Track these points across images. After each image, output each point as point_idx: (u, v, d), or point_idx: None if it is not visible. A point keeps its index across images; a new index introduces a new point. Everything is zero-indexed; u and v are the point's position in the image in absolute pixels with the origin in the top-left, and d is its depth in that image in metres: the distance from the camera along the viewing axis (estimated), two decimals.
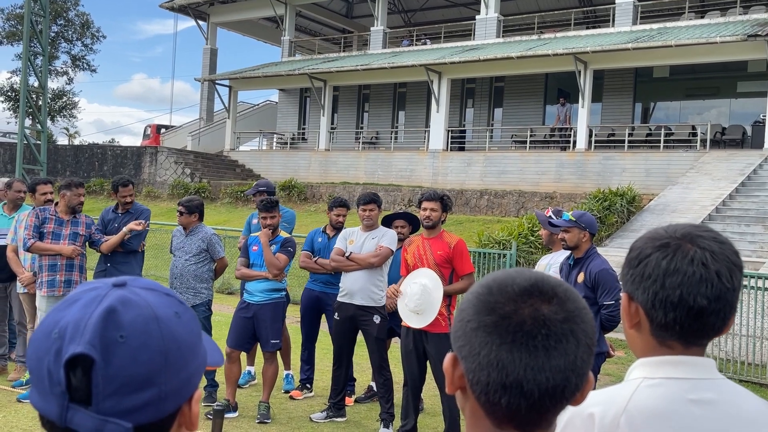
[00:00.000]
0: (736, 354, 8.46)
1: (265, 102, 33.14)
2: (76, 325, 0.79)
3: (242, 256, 6.06)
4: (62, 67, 45.29)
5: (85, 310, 0.80)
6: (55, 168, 27.01)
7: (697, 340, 1.31)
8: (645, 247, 1.32)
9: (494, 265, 11.63)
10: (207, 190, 23.00)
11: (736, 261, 1.30)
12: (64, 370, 0.76)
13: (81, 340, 0.77)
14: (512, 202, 18.63)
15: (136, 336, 0.79)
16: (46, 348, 0.79)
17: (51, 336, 0.79)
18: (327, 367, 6.66)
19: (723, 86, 21.34)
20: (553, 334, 0.89)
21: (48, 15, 21.02)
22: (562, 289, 0.94)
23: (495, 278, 0.96)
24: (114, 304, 0.80)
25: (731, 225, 14.01)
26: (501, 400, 0.90)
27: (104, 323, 0.79)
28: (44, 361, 0.79)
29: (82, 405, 0.77)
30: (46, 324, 0.81)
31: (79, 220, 6.20)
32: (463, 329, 0.94)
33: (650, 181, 17.96)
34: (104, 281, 0.85)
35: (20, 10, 39.24)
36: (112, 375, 0.77)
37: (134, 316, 0.80)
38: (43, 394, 0.79)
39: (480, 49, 22.31)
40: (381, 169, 23.19)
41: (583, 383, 0.93)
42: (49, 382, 0.78)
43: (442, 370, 0.97)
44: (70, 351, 0.77)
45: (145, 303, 0.82)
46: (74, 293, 0.84)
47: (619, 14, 21.26)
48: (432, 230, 5.30)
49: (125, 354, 0.78)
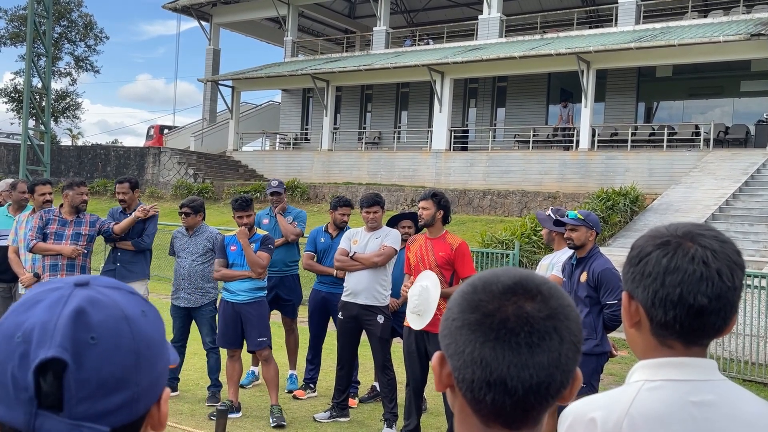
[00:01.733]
0: (740, 354, 8.45)
1: (267, 102, 33.15)
2: (43, 327, 0.75)
3: (219, 256, 5.95)
4: (65, 68, 45.38)
5: (51, 311, 0.77)
6: (58, 169, 27.06)
7: (697, 339, 1.29)
8: (646, 245, 1.32)
9: (497, 265, 11.63)
10: (210, 190, 23.03)
11: (737, 260, 1.28)
12: (34, 375, 0.73)
13: (51, 344, 0.74)
14: (515, 202, 18.62)
15: (108, 337, 0.77)
16: (8, 352, 0.76)
17: (13, 340, 0.76)
18: (331, 367, 6.67)
19: (726, 85, 21.30)
20: (536, 331, 0.90)
21: (51, 16, 21.05)
22: (546, 287, 0.94)
23: (480, 277, 0.97)
24: (82, 304, 0.77)
25: (735, 224, 13.99)
26: (486, 398, 0.90)
27: (74, 325, 0.76)
28: (7, 367, 0.75)
29: (52, 411, 0.74)
30: (5, 327, 0.77)
31: (82, 220, 6.18)
32: (448, 328, 0.95)
33: (653, 180, 17.94)
34: (64, 280, 0.82)
35: (24, 11, 39.32)
36: (85, 378, 0.75)
37: (104, 317, 0.78)
38: (7, 401, 0.75)
39: (483, 49, 22.31)
40: (384, 170, 23.20)
41: (569, 380, 0.93)
42: (14, 388, 0.75)
43: None
44: (41, 355, 0.74)
45: (113, 302, 0.80)
46: (33, 294, 0.81)
47: (621, 14, 21.24)
48: (433, 230, 5.31)
49: (97, 356, 0.76)
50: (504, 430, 0.93)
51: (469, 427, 0.95)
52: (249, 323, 5.80)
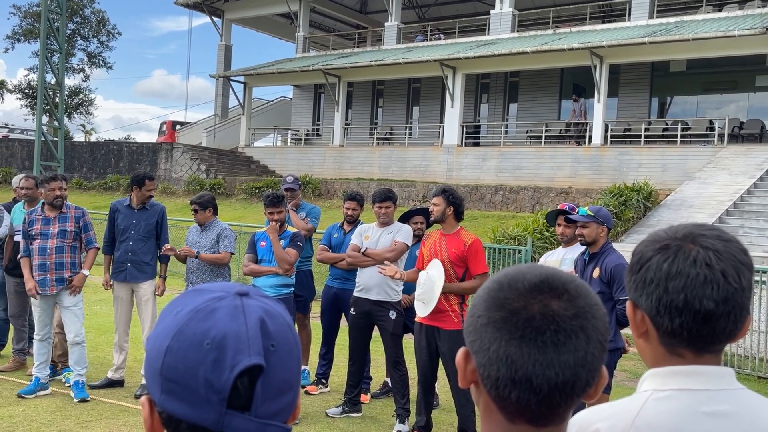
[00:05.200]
0: (755, 350, 8.39)
1: (279, 98, 33.21)
2: (236, 336, 0.83)
3: (249, 251, 6.00)
4: (79, 64, 45.67)
5: (236, 321, 0.84)
6: (72, 164, 27.24)
7: (708, 346, 1.21)
8: (645, 250, 1.25)
9: (509, 260, 11.60)
10: (222, 186, 23.10)
11: (743, 259, 1.21)
12: (235, 379, 0.81)
13: (251, 352, 0.82)
14: (527, 197, 18.56)
15: (282, 344, 0.86)
16: (199, 358, 0.82)
17: (203, 346, 0.83)
18: (343, 362, 6.68)
19: (741, 80, 21.11)
20: (563, 330, 0.89)
21: (65, 13, 21.16)
22: (574, 285, 0.93)
23: (506, 274, 0.96)
24: (261, 315, 0.86)
25: (749, 220, 13.88)
26: (511, 395, 0.90)
27: (262, 334, 0.84)
28: (198, 371, 0.82)
29: (239, 410, 0.82)
30: (190, 335, 0.84)
31: (67, 215, 6.08)
32: (474, 325, 0.95)
33: (667, 176, 17.83)
34: (222, 288, 0.89)
35: (37, 8, 39.56)
36: (269, 382, 0.84)
37: (277, 326, 0.87)
38: (195, 403, 0.82)
39: (495, 44, 22.22)
40: (395, 165, 23.18)
41: (594, 379, 0.93)
42: (206, 390, 0.82)
43: (453, 366, 0.98)
44: (244, 362, 0.81)
45: (279, 313, 0.89)
46: (199, 302, 0.86)
47: (635, 8, 21.09)
48: (447, 226, 5.30)
49: (277, 361, 0.85)
50: (529, 427, 0.93)
51: (494, 424, 0.95)
52: None
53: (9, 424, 5.26)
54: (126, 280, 6.45)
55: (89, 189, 25.75)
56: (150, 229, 6.51)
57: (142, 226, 6.47)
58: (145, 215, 6.52)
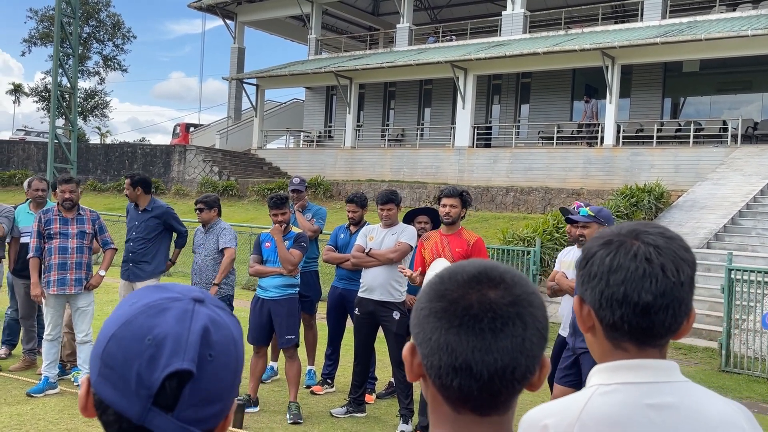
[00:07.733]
0: (764, 353, 8.32)
1: (291, 100, 33.33)
2: (176, 339, 0.85)
3: (254, 252, 6.07)
4: (94, 67, 46.07)
5: (181, 324, 0.86)
6: (86, 167, 27.48)
7: (650, 339, 1.25)
8: (591, 246, 1.29)
9: (518, 262, 11.58)
10: (234, 188, 23.22)
11: (684, 256, 1.24)
12: (163, 379, 0.83)
13: (185, 357, 0.84)
14: (538, 198, 18.51)
15: (221, 356, 0.88)
16: (137, 351, 0.84)
17: (144, 341, 0.85)
18: (349, 363, 6.71)
19: (755, 80, 20.92)
20: (500, 317, 0.92)
21: (78, 16, 21.37)
22: (510, 275, 0.97)
23: (448, 268, 1.00)
24: (207, 323, 0.87)
25: (762, 221, 13.76)
26: (453, 383, 0.93)
27: (201, 341, 0.86)
28: (133, 364, 0.84)
29: (163, 409, 0.84)
30: (136, 327, 0.86)
31: (84, 217, 6.16)
32: (417, 317, 0.98)
33: (679, 177, 17.71)
34: (180, 290, 0.91)
35: (53, 12, 39.97)
36: (198, 389, 0.85)
37: (220, 337, 0.88)
38: (125, 392, 0.84)
39: (506, 45, 22.18)
40: (407, 167, 23.19)
41: (535, 366, 0.95)
42: (137, 384, 0.84)
43: None
44: (175, 364, 0.83)
45: (226, 325, 0.90)
46: (155, 299, 0.89)
47: (647, 8, 20.97)
48: (451, 226, 5.31)
49: (211, 371, 0.86)
50: (474, 416, 0.95)
51: (441, 416, 0.98)
52: (277, 320, 5.87)
53: (17, 422, 5.33)
54: (129, 279, 6.59)
55: (103, 191, 25.96)
56: (150, 230, 6.59)
57: (142, 227, 6.58)
58: (145, 216, 6.63)
